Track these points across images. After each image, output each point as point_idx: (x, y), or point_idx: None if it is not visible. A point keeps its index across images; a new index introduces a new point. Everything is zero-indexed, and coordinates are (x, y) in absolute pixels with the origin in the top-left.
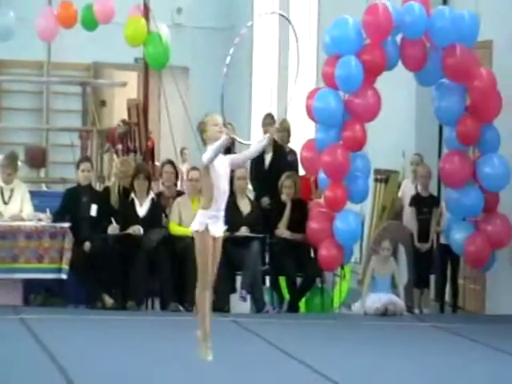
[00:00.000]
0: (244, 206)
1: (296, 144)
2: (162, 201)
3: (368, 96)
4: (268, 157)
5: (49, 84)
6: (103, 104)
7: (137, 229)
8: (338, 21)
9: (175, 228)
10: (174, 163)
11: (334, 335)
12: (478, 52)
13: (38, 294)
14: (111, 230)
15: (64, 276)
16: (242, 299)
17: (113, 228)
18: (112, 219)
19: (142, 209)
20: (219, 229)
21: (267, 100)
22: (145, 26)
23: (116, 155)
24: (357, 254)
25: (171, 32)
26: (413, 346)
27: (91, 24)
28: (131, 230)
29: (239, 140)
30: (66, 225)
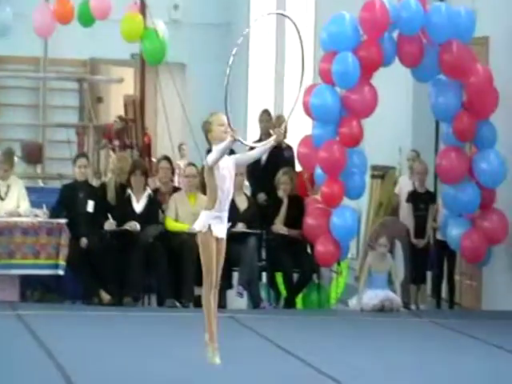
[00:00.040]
0: (241, 202)
1: (293, 140)
2: (159, 197)
3: (365, 92)
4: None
5: (45, 80)
6: (100, 100)
7: (133, 225)
8: (335, 17)
9: (172, 224)
10: (170, 159)
11: (331, 331)
12: (475, 48)
13: (35, 290)
14: (108, 226)
15: (61, 272)
16: (239, 295)
17: (109, 224)
18: (109, 215)
19: (139, 205)
20: (222, 230)
21: (264, 96)
22: (141, 22)
23: (113, 151)
24: (353, 250)
25: (168, 28)
26: (409, 342)
27: (88, 20)
28: (128, 226)
29: (244, 142)
30: (63, 221)
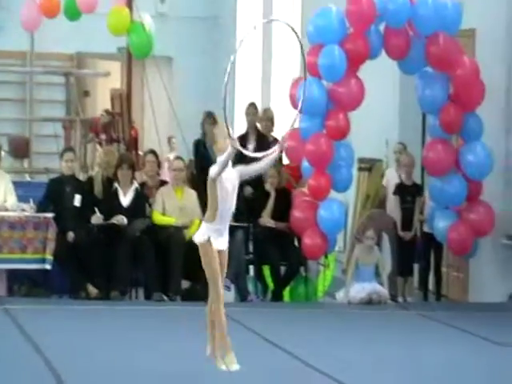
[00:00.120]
0: None
1: (280, 133)
2: (146, 190)
3: (351, 85)
4: (251, 146)
5: (32, 74)
6: (86, 94)
7: (120, 218)
8: (322, 10)
9: (159, 218)
10: (157, 153)
11: (318, 324)
12: (461, 40)
13: (22, 285)
14: (95, 220)
15: (48, 266)
16: (226, 288)
17: (96, 218)
18: (96, 209)
19: (126, 198)
20: (222, 243)
21: (251, 89)
22: (128, 16)
23: (99, 145)
24: (340, 243)
25: (154, 22)
26: (397, 334)
27: (74, 14)
28: (115, 220)
29: (245, 152)
30: (50, 215)
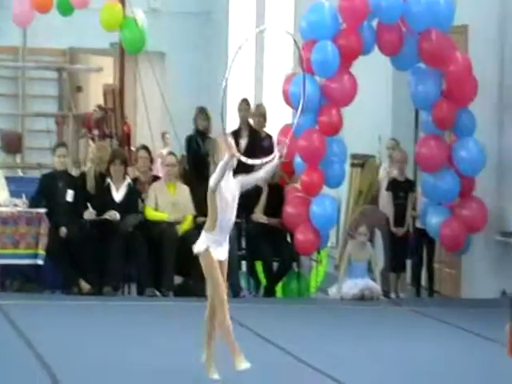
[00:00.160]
0: None
1: (273, 129)
2: (138, 186)
3: (344, 81)
4: (243, 142)
5: (25, 69)
6: (79, 89)
7: (113, 214)
8: (315, 6)
9: (151, 213)
10: (149, 148)
11: (311, 320)
12: (454, 37)
13: (15, 280)
14: (87, 216)
15: (40, 261)
16: None
17: (89, 213)
18: (88, 204)
19: (119, 194)
20: (222, 253)
21: (243, 85)
22: (121, 11)
23: (92, 140)
24: (333, 239)
25: (147, 17)
26: (389, 330)
27: (67, 9)
28: (107, 216)
29: (243, 159)
30: (42, 210)
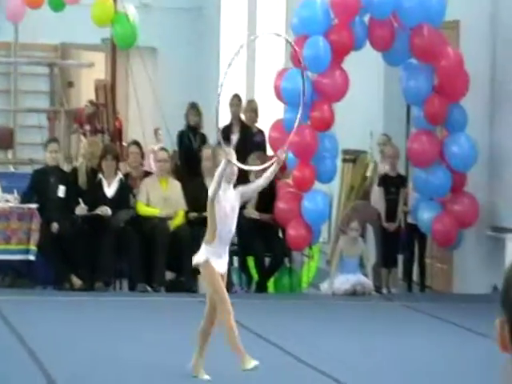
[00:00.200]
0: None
1: (264, 124)
2: (130, 181)
3: (336, 76)
4: (235, 137)
5: (16, 65)
6: (71, 85)
7: (105, 209)
8: (306, 1)
9: (143, 208)
10: (140, 144)
11: (303, 315)
12: (445, 32)
13: (6, 275)
14: (79, 211)
15: (32, 257)
16: None
17: (80, 209)
18: (80, 200)
19: (110, 189)
20: (222, 266)
21: (235, 80)
22: (112, 7)
23: (84, 136)
24: (325, 234)
25: (138, 12)
26: (381, 325)
27: (58, 5)
28: (99, 211)
29: (238, 165)
30: (34, 206)
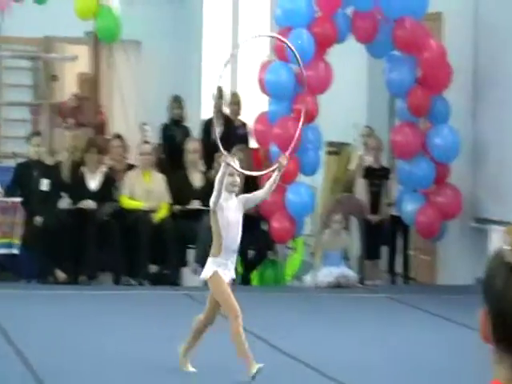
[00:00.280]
0: (196, 180)
1: (248, 117)
2: (113, 175)
3: (319, 68)
4: (218, 130)
5: (0, 58)
6: (54, 78)
7: (88, 203)
8: None
9: (126, 201)
10: (123, 137)
11: (287, 307)
12: (428, 24)
13: None
14: (62, 204)
15: (15, 251)
16: (195, 272)
17: (64, 202)
18: (64, 193)
19: (94, 183)
20: (228, 276)
21: (218, 73)
22: (95, 0)
23: (67, 129)
24: (309, 227)
25: (122, 5)
26: (365, 317)
27: None
28: (83, 204)
29: (237, 168)
30: (18, 200)
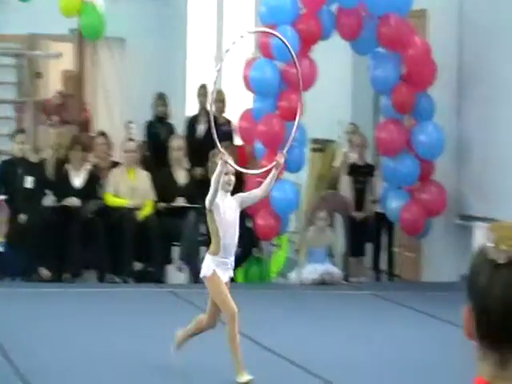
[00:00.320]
0: (181, 177)
1: (233, 114)
2: (98, 172)
3: (304, 65)
4: (202, 127)
5: None
6: (39, 76)
7: (73, 200)
8: None
9: (111, 199)
10: (107, 134)
11: (271, 304)
12: (413, 21)
13: None
14: (47, 202)
15: (0, 249)
16: (179, 270)
17: (49, 200)
18: (48, 191)
19: (78, 180)
20: (226, 275)
21: (202, 70)
22: None
23: (51, 127)
24: (293, 224)
25: (106, 2)
26: (349, 314)
27: None
28: (67, 202)
29: (234, 166)
30: (2, 197)
